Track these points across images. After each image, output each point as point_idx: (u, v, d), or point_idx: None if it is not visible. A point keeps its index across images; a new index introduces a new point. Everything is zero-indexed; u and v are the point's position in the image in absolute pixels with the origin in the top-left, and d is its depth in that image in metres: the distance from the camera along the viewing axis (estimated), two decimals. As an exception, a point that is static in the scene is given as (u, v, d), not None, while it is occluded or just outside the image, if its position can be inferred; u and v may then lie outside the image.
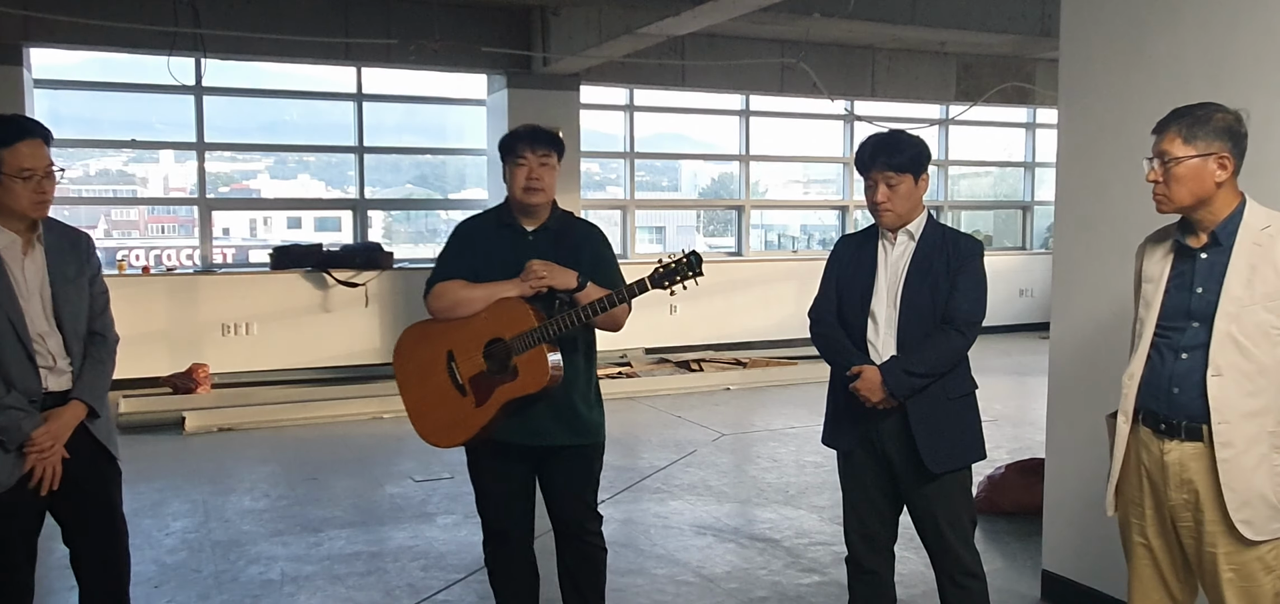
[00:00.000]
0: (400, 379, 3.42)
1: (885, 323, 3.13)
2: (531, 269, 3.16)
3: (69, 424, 2.90)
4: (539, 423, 3.22)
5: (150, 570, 4.65)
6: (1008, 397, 8.64)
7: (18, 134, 2.80)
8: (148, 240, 10.23)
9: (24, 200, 2.81)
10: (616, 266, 3.32)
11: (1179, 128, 2.58)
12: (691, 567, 4.72)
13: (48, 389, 2.89)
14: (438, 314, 3.31)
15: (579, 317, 3.09)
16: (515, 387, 3.13)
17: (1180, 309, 2.63)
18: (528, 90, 9.83)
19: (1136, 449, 2.74)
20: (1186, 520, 2.65)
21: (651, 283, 3.10)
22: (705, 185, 12.63)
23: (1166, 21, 3.71)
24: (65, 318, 2.93)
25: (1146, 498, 2.73)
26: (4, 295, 2.81)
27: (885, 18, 9.17)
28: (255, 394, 8.64)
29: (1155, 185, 2.62)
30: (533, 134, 3.25)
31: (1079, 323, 4.12)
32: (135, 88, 9.43)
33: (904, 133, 3.19)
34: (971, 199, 13.74)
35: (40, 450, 2.83)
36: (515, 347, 3.11)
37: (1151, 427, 2.69)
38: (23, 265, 2.87)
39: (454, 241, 3.39)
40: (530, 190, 3.24)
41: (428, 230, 11.30)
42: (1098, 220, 4.00)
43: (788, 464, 6.55)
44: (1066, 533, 4.20)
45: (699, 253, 3.09)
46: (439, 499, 5.78)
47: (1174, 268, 2.67)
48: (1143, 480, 2.73)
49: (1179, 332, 2.62)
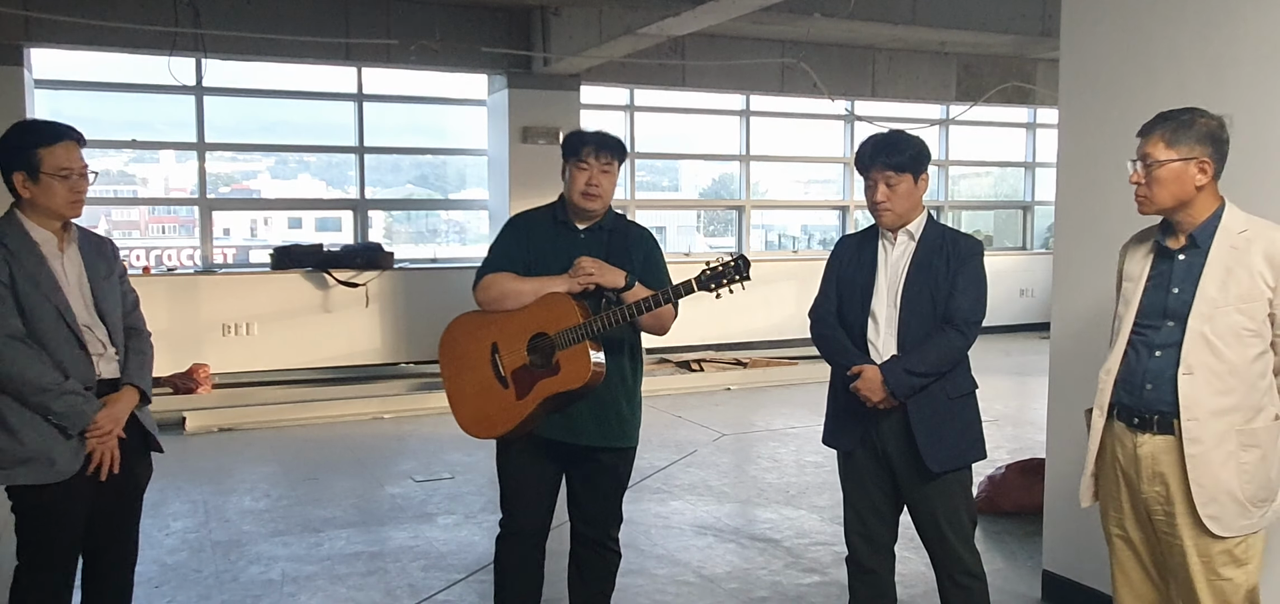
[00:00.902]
0: (444, 367, 3.39)
1: (885, 322, 3.13)
2: (581, 266, 3.16)
3: (126, 408, 3.00)
4: (579, 422, 3.22)
5: (151, 570, 4.65)
6: (1008, 397, 8.64)
7: (55, 136, 2.92)
8: (148, 240, 10.24)
9: (61, 198, 2.92)
10: (666, 270, 3.32)
11: (1162, 132, 2.65)
12: (692, 567, 4.73)
13: (101, 375, 2.97)
14: (485, 305, 3.29)
15: (624, 314, 3.08)
16: (557, 382, 3.12)
17: (1157, 308, 2.72)
18: (528, 90, 9.83)
19: (1111, 443, 2.83)
20: (1159, 513, 2.73)
21: (698, 284, 3.09)
22: (706, 185, 12.63)
23: (1167, 22, 3.72)
24: (106, 311, 3.02)
25: (1122, 490, 2.82)
26: (49, 287, 2.89)
27: (886, 18, 9.17)
28: (256, 394, 8.64)
29: (1137, 186, 2.69)
30: (599, 140, 3.26)
31: (1079, 323, 4.12)
32: (136, 88, 9.42)
33: (904, 133, 3.20)
34: (972, 199, 13.74)
35: (102, 434, 2.91)
36: (559, 342, 3.11)
37: (1125, 421, 2.78)
38: (62, 262, 2.96)
39: (507, 234, 3.38)
40: (588, 195, 3.25)
41: (428, 230, 11.30)
42: (1098, 220, 4.00)
43: (788, 464, 6.55)
44: (1067, 533, 4.19)
45: (747, 257, 3.10)
46: (440, 499, 5.78)
47: (1153, 268, 2.76)
48: (1118, 473, 2.81)
49: (1155, 329, 2.71)
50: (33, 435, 2.84)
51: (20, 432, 2.84)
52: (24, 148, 2.88)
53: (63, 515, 2.93)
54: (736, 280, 3.08)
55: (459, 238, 11.24)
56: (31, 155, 2.86)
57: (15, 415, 2.84)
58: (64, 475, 2.87)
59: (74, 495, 2.92)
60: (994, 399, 8.17)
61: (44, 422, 2.84)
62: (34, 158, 2.86)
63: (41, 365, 2.83)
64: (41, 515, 2.91)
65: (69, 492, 2.90)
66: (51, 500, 2.89)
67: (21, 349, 2.82)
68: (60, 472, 2.87)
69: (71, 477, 2.89)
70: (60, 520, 2.94)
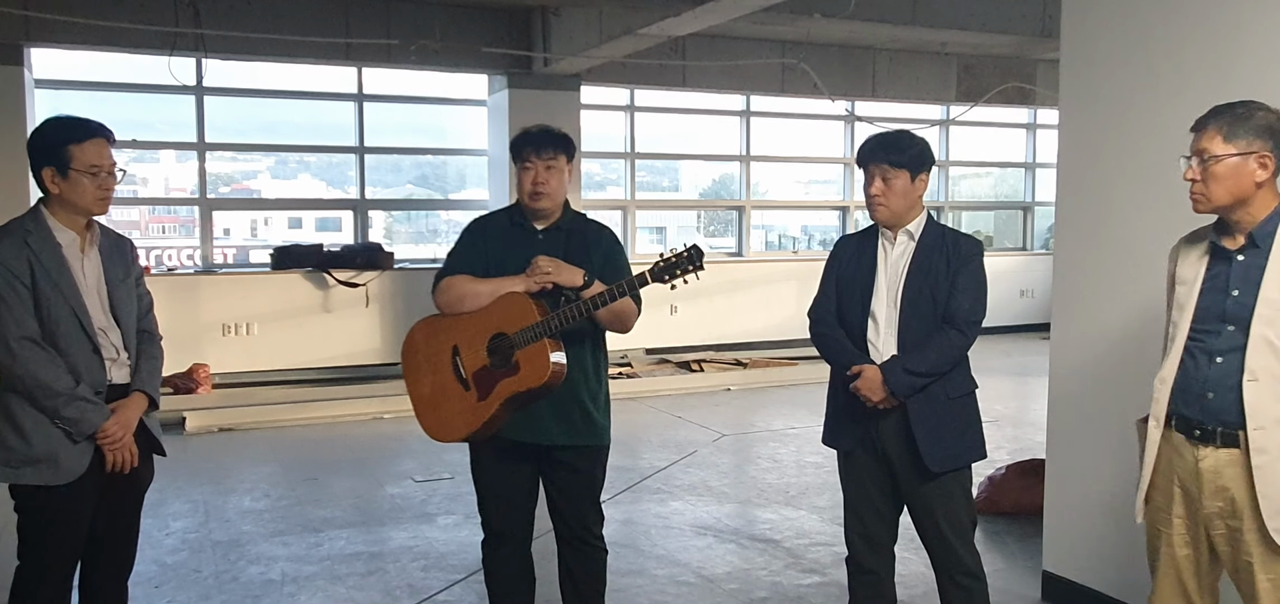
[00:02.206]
0: (407, 372, 3.41)
1: (885, 322, 3.13)
2: (537, 265, 3.16)
3: (135, 414, 3.01)
4: (542, 421, 3.22)
5: (151, 571, 4.65)
6: (1008, 397, 8.64)
7: (87, 133, 2.92)
8: (148, 240, 10.22)
9: (89, 195, 2.92)
10: (628, 269, 3.29)
11: (1219, 125, 2.51)
12: (692, 567, 4.72)
13: (112, 381, 2.99)
14: (444, 308, 3.30)
15: (581, 310, 3.07)
16: (517, 381, 3.12)
17: (1214, 312, 2.56)
18: (528, 91, 9.83)
19: (1168, 456, 2.66)
20: (1221, 529, 2.58)
21: (652, 276, 3.08)
22: (706, 186, 12.62)
23: (1167, 22, 3.71)
24: (122, 315, 3.03)
25: (1176, 505, 2.66)
26: (68, 290, 2.89)
27: (886, 18, 9.16)
28: (256, 394, 8.64)
29: (1193, 184, 2.55)
30: (539, 137, 3.25)
31: (1080, 323, 4.12)
32: (136, 88, 9.41)
33: (909, 132, 3.21)
34: (972, 200, 13.74)
35: (113, 441, 2.93)
36: (518, 341, 3.11)
37: (1185, 433, 2.61)
38: (82, 263, 2.97)
39: (465, 238, 3.39)
40: (536, 195, 3.25)
41: (428, 231, 11.30)
42: (1099, 221, 4.00)
43: (788, 465, 6.55)
44: (1067, 534, 4.19)
45: (700, 247, 3.07)
46: (439, 499, 5.78)
47: (1209, 270, 2.60)
48: (1173, 488, 2.65)
49: (1213, 335, 2.56)
50: (41, 437, 2.86)
51: (30, 433, 2.85)
52: (56, 144, 2.88)
53: (67, 517, 2.94)
54: (690, 271, 3.05)
55: (459, 238, 11.22)
56: (62, 151, 2.87)
57: (26, 416, 2.85)
58: (69, 478, 2.89)
59: (79, 497, 2.93)
60: (994, 400, 8.17)
61: (52, 424, 2.86)
62: (65, 154, 2.87)
63: (55, 369, 2.85)
64: (45, 516, 2.92)
65: (74, 494, 2.91)
66: (56, 502, 2.90)
67: (37, 352, 2.83)
68: (66, 474, 2.88)
69: (77, 479, 2.90)
70: (64, 522, 2.95)
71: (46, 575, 2.95)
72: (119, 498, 3.06)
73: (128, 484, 3.06)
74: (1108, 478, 3.97)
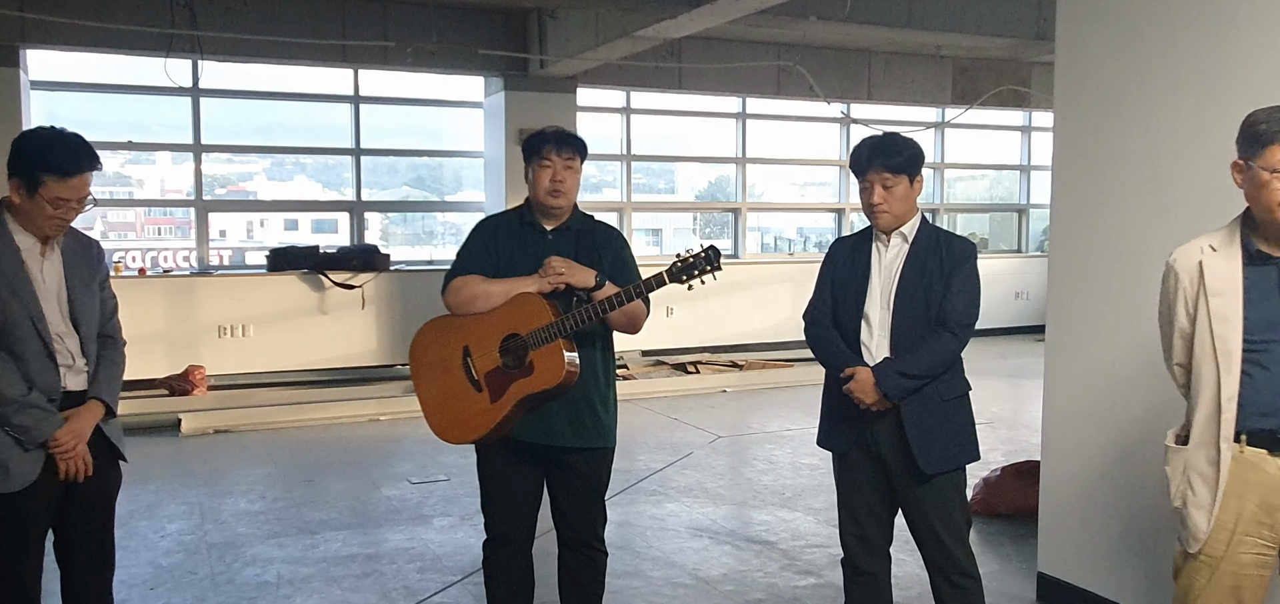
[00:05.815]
0: (415, 374, 3.38)
1: (879, 325, 3.14)
2: (550, 266, 3.15)
3: (89, 423, 2.95)
4: (554, 423, 3.21)
5: (146, 573, 4.65)
6: (1004, 399, 8.66)
7: (73, 170, 2.83)
8: (144, 242, 10.21)
9: (45, 222, 2.86)
10: (636, 270, 3.30)
11: None
12: (688, 569, 4.73)
13: (66, 388, 2.94)
14: (455, 308, 3.28)
15: (595, 312, 3.07)
16: (531, 382, 3.11)
17: (1266, 321, 2.51)
18: (525, 93, 9.84)
19: (1241, 474, 2.57)
20: None
21: (670, 277, 3.08)
22: (702, 188, 12.64)
23: (1161, 25, 3.73)
24: (81, 320, 2.98)
25: (1251, 523, 2.58)
26: (26, 295, 2.85)
27: (881, 21, 9.19)
28: (252, 396, 8.64)
29: None
30: (559, 137, 3.26)
31: (1074, 325, 4.14)
32: (132, 90, 9.41)
33: (899, 135, 3.20)
34: (967, 202, 13.77)
35: (65, 451, 2.88)
36: (532, 342, 3.10)
37: (1266, 446, 2.54)
38: (42, 268, 2.92)
39: (475, 238, 3.37)
40: (554, 192, 3.24)
41: (424, 232, 11.30)
42: (1093, 223, 4.02)
43: (784, 466, 6.56)
44: (1062, 535, 4.21)
45: (717, 248, 3.07)
46: (435, 501, 5.78)
47: (1249, 278, 2.53)
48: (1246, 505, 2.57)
49: (1277, 342, 2.51)
50: None
51: None
52: (35, 166, 2.81)
53: (19, 523, 2.89)
54: (707, 271, 3.06)
55: (455, 240, 11.21)
56: (37, 175, 2.81)
57: None
58: (19, 485, 2.83)
59: (31, 505, 2.87)
60: (989, 401, 8.20)
61: (2, 431, 2.80)
62: (38, 178, 2.81)
63: (8, 375, 2.80)
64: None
65: (26, 500, 2.85)
66: (8, 509, 2.85)
67: None
68: (16, 481, 2.83)
69: (28, 487, 2.84)
70: (18, 529, 2.89)
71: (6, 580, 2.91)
72: (86, 502, 3.01)
73: (94, 490, 3.01)
74: (1102, 480, 3.99)
